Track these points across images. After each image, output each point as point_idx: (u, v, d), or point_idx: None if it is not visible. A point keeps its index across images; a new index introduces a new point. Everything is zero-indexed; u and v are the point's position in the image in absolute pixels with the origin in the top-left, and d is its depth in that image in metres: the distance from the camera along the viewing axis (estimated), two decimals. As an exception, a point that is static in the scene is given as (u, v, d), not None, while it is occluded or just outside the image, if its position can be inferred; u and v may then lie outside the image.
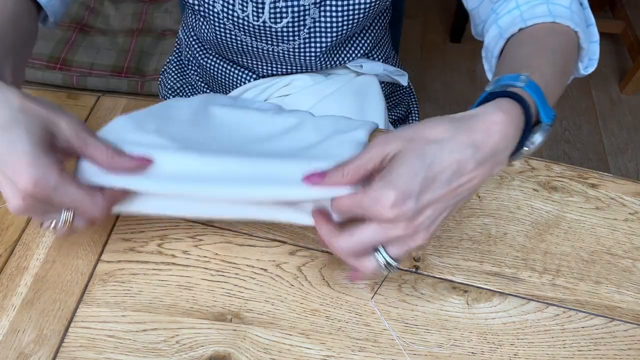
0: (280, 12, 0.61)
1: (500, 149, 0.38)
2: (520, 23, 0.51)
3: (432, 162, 0.36)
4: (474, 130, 0.37)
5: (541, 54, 0.47)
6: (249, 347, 0.45)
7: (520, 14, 0.52)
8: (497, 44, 0.53)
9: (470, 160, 0.37)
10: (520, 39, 0.51)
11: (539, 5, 0.52)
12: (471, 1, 0.59)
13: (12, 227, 0.52)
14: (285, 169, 0.42)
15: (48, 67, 1.64)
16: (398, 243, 0.39)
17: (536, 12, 0.51)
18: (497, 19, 0.55)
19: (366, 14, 0.63)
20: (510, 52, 0.51)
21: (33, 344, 0.44)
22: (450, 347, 0.46)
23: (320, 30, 0.64)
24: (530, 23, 0.50)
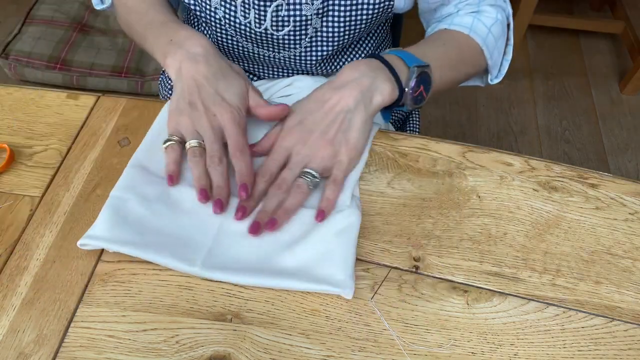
0: (282, 21, 0.61)
1: (352, 78, 0.53)
2: (446, 25, 0.64)
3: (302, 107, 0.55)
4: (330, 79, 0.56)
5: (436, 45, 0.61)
6: (249, 347, 0.45)
7: (452, 18, 0.64)
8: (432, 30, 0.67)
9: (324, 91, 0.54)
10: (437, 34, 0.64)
11: (467, 16, 0.64)
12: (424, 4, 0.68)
13: (12, 227, 0.52)
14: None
15: (48, 67, 1.64)
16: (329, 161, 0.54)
17: (463, 21, 0.63)
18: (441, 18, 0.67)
19: (368, 24, 0.63)
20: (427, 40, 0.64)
21: (33, 344, 0.44)
22: (450, 347, 0.46)
23: (322, 39, 0.64)
24: (452, 27, 0.63)
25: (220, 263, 0.48)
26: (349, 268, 0.48)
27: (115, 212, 0.50)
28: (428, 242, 0.53)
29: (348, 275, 0.47)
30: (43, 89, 0.65)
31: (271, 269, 0.48)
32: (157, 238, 0.49)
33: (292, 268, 0.48)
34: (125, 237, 0.49)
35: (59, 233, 0.51)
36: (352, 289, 0.47)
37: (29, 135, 0.60)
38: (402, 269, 0.51)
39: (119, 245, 0.48)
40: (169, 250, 0.48)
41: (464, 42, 0.62)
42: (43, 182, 0.56)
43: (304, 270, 0.48)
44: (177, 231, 0.50)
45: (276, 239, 0.50)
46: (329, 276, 0.47)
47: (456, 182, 0.57)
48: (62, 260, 0.49)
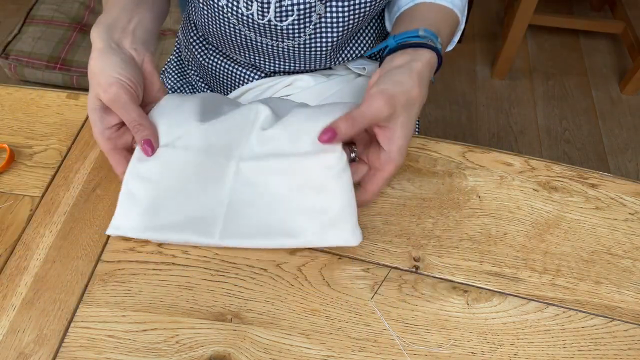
0: (286, 11, 0.60)
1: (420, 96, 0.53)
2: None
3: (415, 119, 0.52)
4: (427, 86, 0.53)
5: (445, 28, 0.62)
6: (249, 347, 0.45)
7: None
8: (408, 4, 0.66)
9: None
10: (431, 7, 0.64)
11: None
12: None
13: (12, 227, 0.52)
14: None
15: (48, 67, 1.64)
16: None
17: None
18: None
19: (372, 7, 0.62)
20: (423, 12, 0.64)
21: (33, 344, 0.44)
22: (450, 347, 0.46)
23: (326, 26, 0.63)
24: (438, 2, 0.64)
25: (236, 231, 0.51)
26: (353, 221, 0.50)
27: (130, 200, 0.51)
28: (428, 242, 0.53)
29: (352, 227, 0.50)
30: (43, 89, 0.65)
31: (284, 230, 0.51)
32: (175, 216, 0.51)
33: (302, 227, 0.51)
34: (144, 223, 0.50)
35: (59, 233, 0.51)
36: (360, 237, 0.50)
37: (29, 135, 0.60)
38: (402, 269, 0.51)
39: (141, 232, 0.50)
40: (187, 227, 0.50)
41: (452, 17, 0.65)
42: (43, 182, 0.56)
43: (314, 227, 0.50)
44: (191, 204, 0.51)
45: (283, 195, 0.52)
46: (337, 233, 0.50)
47: (456, 182, 0.57)
48: (62, 260, 0.49)
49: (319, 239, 0.50)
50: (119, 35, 0.54)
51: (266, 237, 0.50)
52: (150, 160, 0.51)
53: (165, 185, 0.51)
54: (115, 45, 0.54)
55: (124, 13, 0.56)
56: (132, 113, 0.50)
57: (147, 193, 0.51)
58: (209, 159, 0.52)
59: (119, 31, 0.55)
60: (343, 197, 0.50)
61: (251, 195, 0.52)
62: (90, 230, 0.52)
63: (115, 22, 0.55)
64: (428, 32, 0.56)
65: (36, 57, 1.65)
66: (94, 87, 0.51)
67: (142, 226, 0.50)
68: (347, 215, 0.50)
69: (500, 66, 1.78)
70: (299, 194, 0.51)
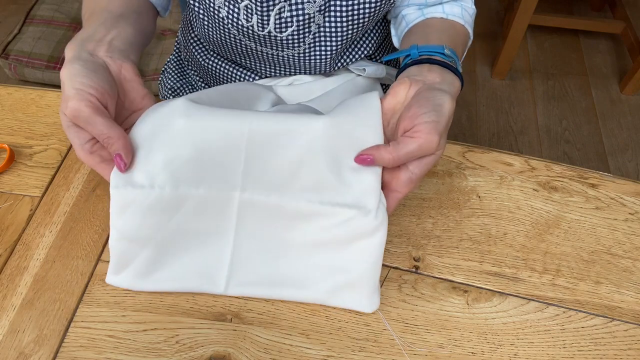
0: (285, 22, 0.60)
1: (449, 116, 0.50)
2: (442, 14, 0.63)
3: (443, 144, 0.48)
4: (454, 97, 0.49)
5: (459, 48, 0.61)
6: (249, 347, 0.45)
7: (442, 6, 0.64)
8: (418, 18, 0.65)
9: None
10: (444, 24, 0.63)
11: (456, 6, 0.64)
12: None
13: (12, 227, 0.52)
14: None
15: (48, 67, 1.64)
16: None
17: (454, 11, 0.64)
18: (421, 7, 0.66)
19: (370, 17, 0.62)
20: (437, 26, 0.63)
21: (33, 344, 0.44)
22: (450, 347, 0.46)
23: (325, 36, 0.64)
24: (450, 18, 0.63)
25: (242, 279, 0.47)
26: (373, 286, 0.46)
27: (123, 256, 0.47)
28: (428, 242, 0.53)
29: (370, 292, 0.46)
30: (43, 89, 0.65)
31: (295, 281, 0.47)
32: (176, 268, 0.47)
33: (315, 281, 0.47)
34: (143, 279, 0.47)
35: (59, 233, 0.51)
36: (377, 303, 0.47)
37: (29, 135, 0.60)
38: (402, 269, 0.51)
39: (143, 284, 0.47)
40: (190, 277, 0.47)
41: (463, 33, 0.64)
42: (43, 182, 0.56)
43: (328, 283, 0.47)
44: (192, 252, 0.47)
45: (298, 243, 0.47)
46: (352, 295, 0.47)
47: (456, 182, 0.57)
48: (62, 260, 0.49)
49: (331, 298, 0.47)
50: (93, 45, 0.50)
51: (274, 287, 0.47)
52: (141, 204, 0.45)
53: (162, 229, 0.46)
54: (87, 54, 0.49)
55: (101, 27, 0.53)
56: (99, 126, 0.45)
57: (143, 240, 0.46)
58: (207, 193, 0.46)
59: (93, 43, 0.51)
60: (370, 259, 0.45)
61: (258, 237, 0.47)
62: (90, 230, 0.52)
63: (92, 35, 0.51)
64: (452, 52, 0.54)
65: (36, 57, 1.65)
66: (61, 104, 0.47)
67: (143, 278, 0.47)
68: (369, 279, 0.46)
69: (500, 66, 1.78)
70: (316, 244, 0.47)
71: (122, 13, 0.56)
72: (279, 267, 0.47)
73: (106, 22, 0.54)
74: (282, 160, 0.46)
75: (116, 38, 0.53)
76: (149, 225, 0.46)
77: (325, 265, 0.47)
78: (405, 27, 0.66)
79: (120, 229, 0.46)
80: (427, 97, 0.47)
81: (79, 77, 0.46)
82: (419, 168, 0.46)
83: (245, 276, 0.47)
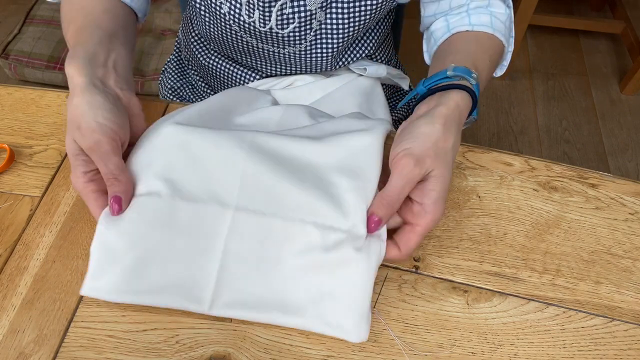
0: (287, 18, 0.60)
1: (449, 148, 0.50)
2: (467, 26, 0.62)
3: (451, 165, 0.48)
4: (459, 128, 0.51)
5: (484, 59, 0.58)
6: (249, 347, 0.45)
7: (468, 16, 0.62)
8: (444, 35, 0.63)
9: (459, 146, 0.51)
10: (468, 38, 0.61)
11: (484, 14, 0.62)
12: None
13: (12, 227, 0.52)
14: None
15: (48, 67, 1.64)
16: None
17: (482, 20, 0.61)
18: (447, 14, 0.64)
19: (372, 15, 0.62)
20: (459, 44, 0.61)
21: (33, 344, 0.44)
22: (450, 347, 0.46)
23: (327, 33, 0.64)
24: (476, 29, 0.61)
25: (228, 299, 0.45)
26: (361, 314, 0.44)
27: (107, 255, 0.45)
28: (428, 242, 0.53)
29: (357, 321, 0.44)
30: (43, 89, 0.65)
31: (282, 305, 0.45)
32: (160, 278, 0.45)
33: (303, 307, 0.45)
34: (125, 286, 0.44)
35: (59, 233, 0.51)
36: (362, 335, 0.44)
37: (29, 135, 0.60)
38: (402, 269, 0.51)
39: (121, 296, 0.44)
40: (174, 291, 0.44)
41: (493, 42, 0.61)
42: (43, 182, 0.56)
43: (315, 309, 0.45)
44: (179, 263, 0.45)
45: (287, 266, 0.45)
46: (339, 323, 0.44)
47: (456, 182, 0.57)
48: (62, 260, 0.49)
49: (319, 325, 0.45)
50: (102, 72, 0.50)
51: (259, 311, 0.45)
52: (130, 209, 0.45)
53: (148, 239, 0.45)
54: (100, 83, 0.49)
55: (100, 48, 0.51)
56: (110, 165, 0.45)
57: (127, 248, 0.44)
58: (201, 207, 0.46)
59: (101, 68, 0.50)
60: (362, 285, 0.44)
61: (247, 256, 0.45)
62: (90, 230, 0.52)
63: (94, 56, 0.50)
64: (458, 69, 0.52)
65: (36, 57, 1.65)
66: (72, 130, 0.46)
67: (123, 289, 0.44)
68: (360, 307, 0.44)
69: (500, 66, 1.78)
70: (305, 268, 0.45)
71: (113, 31, 0.55)
72: (266, 290, 0.45)
73: (102, 42, 0.53)
74: (279, 180, 0.46)
75: (117, 63, 0.52)
76: (135, 233, 0.45)
77: (313, 290, 0.45)
78: (434, 45, 0.65)
79: (104, 233, 0.45)
80: (405, 131, 0.49)
81: (102, 111, 0.46)
82: (422, 196, 0.46)
83: (230, 296, 0.45)
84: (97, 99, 0.47)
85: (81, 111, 0.46)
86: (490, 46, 0.61)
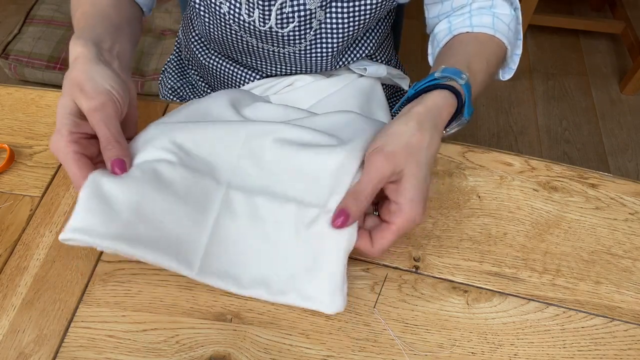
0: (286, 17, 0.60)
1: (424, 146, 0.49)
2: (468, 27, 0.62)
3: (427, 165, 0.46)
4: (437, 128, 0.49)
5: (481, 62, 0.58)
6: (249, 347, 0.45)
7: (470, 18, 0.62)
8: (446, 37, 0.63)
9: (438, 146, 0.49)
10: (467, 39, 0.61)
11: (486, 15, 0.61)
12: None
13: (12, 227, 0.52)
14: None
15: (48, 67, 1.64)
16: None
17: (483, 21, 0.61)
18: (449, 15, 0.65)
19: (372, 15, 0.62)
20: (457, 47, 0.61)
21: (33, 344, 0.44)
22: (450, 347, 0.46)
23: (327, 32, 0.64)
24: (477, 30, 0.61)
25: (216, 267, 0.46)
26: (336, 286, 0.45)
27: (99, 198, 0.42)
28: (428, 242, 0.53)
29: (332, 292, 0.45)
30: (43, 89, 0.65)
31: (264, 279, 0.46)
32: (150, 230, 0.43)
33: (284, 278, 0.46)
34: (117, 229, 0.41)
35: (59, 233, 0.51)
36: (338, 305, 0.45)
37: (29, 135, 0.60)
38: (402, 269, 0.51)
39: (109, 241, 0.41)
40: (166, 248, 0.44)
41: (495, 45, 0.61)
42: (43, 182, 0.56)
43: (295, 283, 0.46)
44: (173, 222, 0.45)
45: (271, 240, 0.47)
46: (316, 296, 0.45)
47: (456, 182, 0.57)
48: (62, 260, 0.49)
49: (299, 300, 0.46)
50: (107, 55, 0.50)
51: (244, 285, 0.46)
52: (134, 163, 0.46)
53: (144, 194, 0.44)
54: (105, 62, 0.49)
55: (106, 35, 0.52)
56: (112, 128, 0.45)
57: (122, 196, 0.43)
58: (197, 179, 0.47)
59: (106, 51, 0.50)
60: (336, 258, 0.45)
61: (236, 230, 0.47)
62: (90, 230, 0.52)
63: (100, 40, 0.51)
64: (448, 70, 0.52)
65: (36, 57, 1.65)
66: (73, 92, 0.45)
67: (113, 233, 0.41)
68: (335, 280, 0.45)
69: (500, 66, 1.78)
70: (288, 243, 0.47)
71: (119, 24, 0.56)
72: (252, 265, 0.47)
73: (109, 30, 0.53)
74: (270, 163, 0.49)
75: (121, 54, 0.53)
76: (131, 185, 0.44)
77: (294, 265, 0.46)
78: (437, 47, 0.65)
79: (98, 179, 0.43)
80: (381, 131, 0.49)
81: (110, 80, 0.47)
82: (398, 195, 0.45)
83: (218, 267, 0.46)
84: (104, 69, 0.47)
85: (88, 76, 0.46)
86: (489, 47, 0.61)
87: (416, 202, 0.45)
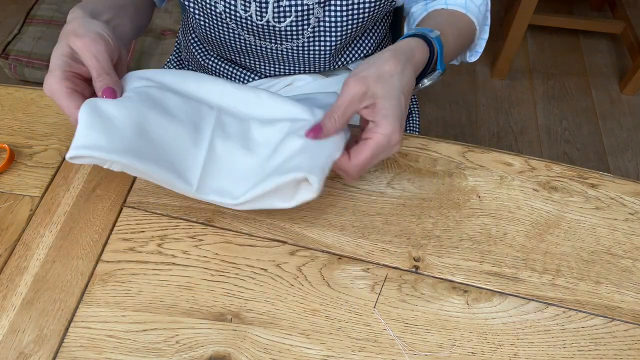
0: (283, 11, 0.61)
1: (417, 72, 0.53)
2: (442, 4, 0.65)
3: (399, 89, 0.48)
4: (411, 62, 0.51)
5: (451, 28, 0.61)
6: (249, 347, 0.45)
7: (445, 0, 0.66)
8: (422, 14, 0.66)
9: (413, 80, 0.51)
10: (440, 12, 0.65)
11: None
12: None
13: (12, 227, 0.52)
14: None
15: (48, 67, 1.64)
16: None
17: (457, 1, 0.64)
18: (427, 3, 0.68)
19: (370, 14, 0.63)
20: (430, 18, 0.64)
21: (33, 344, 0.44)
22: (450, 347, 0.46)
23: (325, 30, 0.64)
24: (450, 7, 0.64)
25: (214, 185, 0.49)
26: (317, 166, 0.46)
27: (100, 117, 0.44)
28: (428, 242, 0.53)
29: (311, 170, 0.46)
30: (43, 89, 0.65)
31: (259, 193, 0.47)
32: (152, 146, 0.45)
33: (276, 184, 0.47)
34: (122, 142, 0.43)
35: (59, 233, 0.51)
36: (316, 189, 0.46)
37: (29, 135, 0.60)
38: (402, 269, 0.51)
39: (116, 155, 0.42)
40: (167, 163, 0.46)
41: (465, 20, 0.64)
42: (43, 182, 0.56)
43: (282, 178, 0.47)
44: (170, 138, 0.47)
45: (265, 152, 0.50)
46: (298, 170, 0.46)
47: (456, 182, 0.57)
48: (62, 260, 0.49)
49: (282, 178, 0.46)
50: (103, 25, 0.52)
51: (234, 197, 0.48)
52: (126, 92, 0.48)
53: (143, 114, 0.46)
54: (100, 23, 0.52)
55: (107, 10, 0.55)
56: (103, 62, 0.47)
57: (121, 115, 0.44)
58: (189, 102, 0.50)
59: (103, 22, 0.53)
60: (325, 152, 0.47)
61: (230, 150, 0.50)
62: (90, 230, 0.52)
63: (99, 12, 0.54)
64: (419, 29, 0.55)
65: (36, 57, 1.65)
66: (68, 37, 0.48)
67: (119, 147, 0.42)
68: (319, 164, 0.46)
69: (500, 66, 1.78)
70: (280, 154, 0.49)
71: (123, 5, 0.59)
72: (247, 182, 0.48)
73: (111, 7, 0.56)
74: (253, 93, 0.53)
75: (118, 28, 0.56)
76: (130, 106, 0.46)
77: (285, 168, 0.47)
78: (413, 24, 0.68)
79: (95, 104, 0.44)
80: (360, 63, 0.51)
81: (101, 29, 0.49)
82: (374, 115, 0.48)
83: (215, 184, 0.49)
84: (96, 23, 0.50)
85: (81, 23, 0.49)
86: (461, 20, 0.64)
87: (390, 118, 0.47)
